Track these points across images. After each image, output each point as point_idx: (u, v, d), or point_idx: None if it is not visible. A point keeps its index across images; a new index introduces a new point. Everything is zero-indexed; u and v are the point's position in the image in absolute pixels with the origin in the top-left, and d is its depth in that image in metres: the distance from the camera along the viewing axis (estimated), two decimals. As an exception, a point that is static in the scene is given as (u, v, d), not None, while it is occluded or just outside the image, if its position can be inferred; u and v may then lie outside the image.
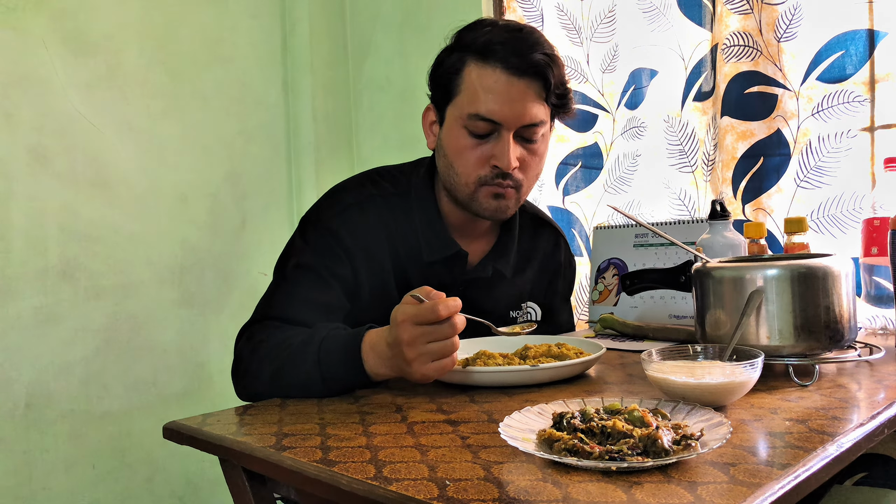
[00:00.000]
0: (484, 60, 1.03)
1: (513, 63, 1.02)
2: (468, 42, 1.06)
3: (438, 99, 1.11)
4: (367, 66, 2.23)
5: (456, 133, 1.07)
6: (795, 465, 0.57)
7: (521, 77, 1.03)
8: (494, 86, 1.02)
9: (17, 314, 1.62)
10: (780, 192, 1.42)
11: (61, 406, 1.68)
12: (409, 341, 0.82)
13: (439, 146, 1.12)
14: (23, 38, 1.63)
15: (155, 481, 1.83)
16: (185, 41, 1.92)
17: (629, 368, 1.00)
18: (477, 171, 1.07)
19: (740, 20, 1.44)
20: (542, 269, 1.29)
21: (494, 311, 1.21)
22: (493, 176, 1.06)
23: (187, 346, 1.91)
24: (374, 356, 0.88)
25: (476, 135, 1.05)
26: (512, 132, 1.05)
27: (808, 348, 0.86)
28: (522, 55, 1.02)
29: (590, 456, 0.58)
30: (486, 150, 1.06)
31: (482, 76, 1.03)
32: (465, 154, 1.06)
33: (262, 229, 2.05)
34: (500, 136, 1.05)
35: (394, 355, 0.85)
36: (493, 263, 1.18)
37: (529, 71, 1.02)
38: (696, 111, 1.56)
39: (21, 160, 1.62)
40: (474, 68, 1.04)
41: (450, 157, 1.08)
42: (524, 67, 1.02)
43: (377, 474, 0.59)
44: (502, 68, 1.02)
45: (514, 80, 1.02)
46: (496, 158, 1.05)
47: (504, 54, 1.02)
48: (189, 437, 0.77)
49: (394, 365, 0.86)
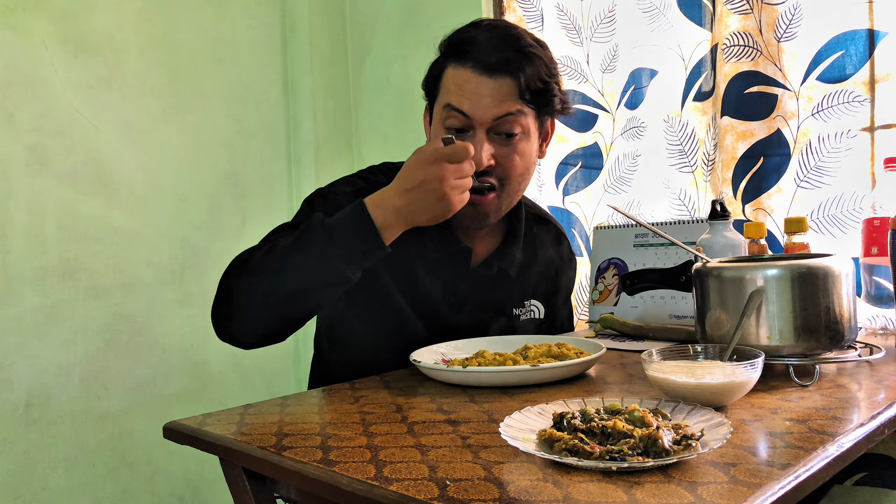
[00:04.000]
0: (459, 62, 1.07)
1: (483, 62, 1.05)
2: (448, 44, 1.10)
3: (429, 102, 1.16)
4: (367, 66, 2.23)
5: (437, 131, 1.10)
6: (796, 465, 0.57)
7: (492, 75, 1.05)
8: (465, 84, 1.06)
9: (17, 314, 1.62)
10: (780, 192, 1.42)
11: (61, 406, 1.68)
12: (445, 177, 0.91)
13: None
14: (23, 38, 1.63)
15: (155, 481, 1.83)
16: (185, 41, 1.92)
17: (629, 368, 1.00)
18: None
19: (740, 20, 1.44)
20: (545, 266, 1.30)
21: (498, 310, 1.21)
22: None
23: (187, 346, 1.91)
24: (383, 211, 0.93)
25: (451, 131, 1.07)
26: (485, 129, 1.06)
27: (808, 348, 0.86)
28: (492, 54, 1.04)
29: (590, 456, 0.58)
30: None
31: (455, 76, 1.07)
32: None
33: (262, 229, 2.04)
34: (473, 135, 1.07)
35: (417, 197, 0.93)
36: (499, 262, 1.19)
37: (500, 69, 1.05)
38: (696, 111, 1.56)
39: (21, 160, 1.62)
40: (450, 70, 1.09)
41: None
42: (494, 66, 1.04)
43: (377, 474, 0.59)
44: (472, 68, 1.05)
45: (484, 78, 1.05)
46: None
47: (476, 54, 1.05)
48: (189, 437, 0.77)
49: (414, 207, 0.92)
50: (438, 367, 0.93)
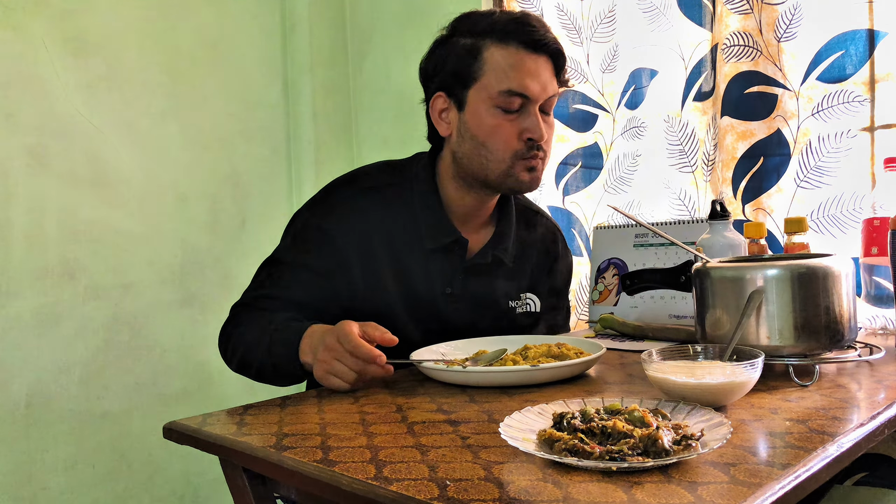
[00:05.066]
0: (503, 42, 1.09)
1: (531, 42, 1.09)
2: (482, 28, 1.11)
3: (452, 85, 1.13)
4: (367, 66, 2.23)
5: (485, 112, 1.10)
6: (796, 465, 0.57)
7: (541, 53, 1.10)
8: (521, 63, 1.09)
9: (17, 314, 1.62)
10: (780, 192, 1.42)
11: (61, 406, 1.67)
12: (328, 346, 0.92)
13: (463, 130, 1.13)
14: (23, 38, 1.63)
15: (155, 481, 1.83)
16: (185, 41, 1.92)
17: (629, 368, 1.00)
18: (512, 147, 1.11)
19: (740, 20, 1.44)
20: (541, 260, 1.30)
21: (495, 303, 1.22)
22: (527, 149, 1.11)
23: (187, 346, 1.91)
24: (308, 343, 0.98)
25: (507, 112, 1.10)
26: (538, 105, 1.11)
27: (808, 348, 0.86)
28: (537, 33, 1.09)
29: (590, 456, 0.58)
30: (516, 125, 1.10)
31: (506, 56, 1.09)
32: (498, 131, 1.10)
33: (262, 229, 2.05)
34: (528, 110, 1.10)
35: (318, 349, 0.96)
36: (493, 251, 1.20)
37: (545, 48, 1.11)
38: (696, 111, 1.56)
39: (21, 160, 1.62)
40: (495, 50, 1.10)
41: (481, 137, 1.11)
42: (541, 45, 1.10)
43: (377, 474, 0.59)
44: (524, 47, 1.09)
45: (536, 56, 1.10)
46: (529, 131, 1.10)
47: (523, 34, 1.09)
48: (189, 437, 0.77)
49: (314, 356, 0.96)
50: (438, 367, 0.94)
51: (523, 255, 1.27)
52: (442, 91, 1.14)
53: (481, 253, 1.20)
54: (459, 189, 1.17)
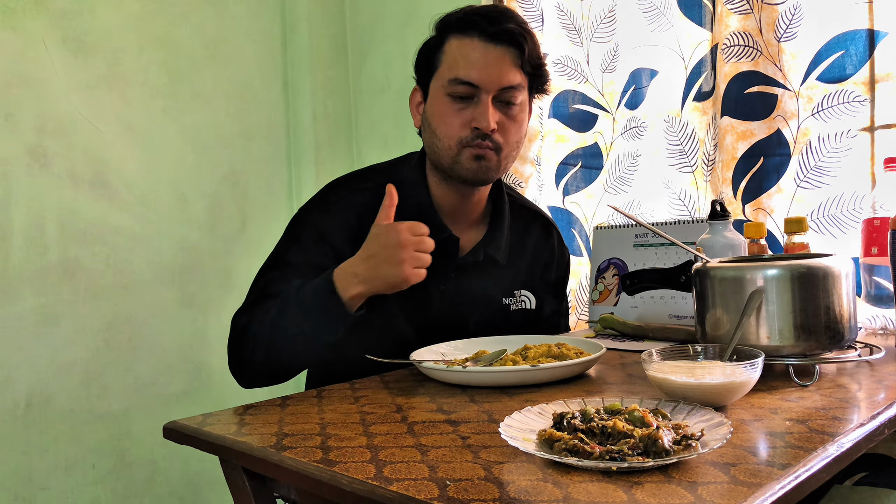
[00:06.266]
0: (463, 32, 1.12)
1: (489, 31, 1.10)
2: (447, 20, 1.14)
3: (422, 77, 1.18)
4: (367, 66, 2.23)
5: (439, 101, 1.13)
6: (796, 465, 0.57)
7: (498, 44, 1.10)
8: (472, 53, 1.10)
9: (17, 314, 1.62)
10: (780, 192, 1.42)
11: (61, 406, 1.68)
12: (405, 244, 0.95)
13: (425, 120, 1.18)
14: (23, 38, 1.63)
15: (155, 481, 1.83)
16: (185, 41, 1.92)
17: (629, 368, 1.00)
18: (458, 134, 1.12)
19: (740, 20, 1.44)
20: (536, 257, 1.30)
21: (488, 299, 1.22)
22: (473, 137, 1.12)
23: (187, 346, 1.91)
24: (345, 277, 0.98)
25: (457, 99, 1.12)
26: (490, 96, 1.11)
27: (808, 348, 0.86)
28: (498, 24, 1.10)
29: (590, 456, 0.58)
30: (466, 114, 1.12)
31: (461, 46, 1.11)
32: (446, 119, 1.13)
33: (262, 229, 2.05)
34: (479, 100, 1.11)
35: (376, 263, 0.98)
36: (485, 249, 1.21)
37: (505, 38, 1.10)
38: (696, 111, 1.56)
39: (21, 160, 1.62)
40: (454, 41, 1.12)
41: (433, 124, 1.15)
42: (500, 35, 1.10)
43: (377, 474, 0.59)
44: (479, 37, 1.10)
45: (491, 46, 1.10)
46: (476, 120, 1.11)
47: (482, 25, 1.10)
48: (189, 437, 0.77)
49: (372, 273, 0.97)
50: (438, 367, 0.94)
51: (518, 253, 1.27)
52: (418, 84, 1.20)
53: (473, 251, 1.20)
54: (440, 184, 1.19)
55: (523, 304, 1.27)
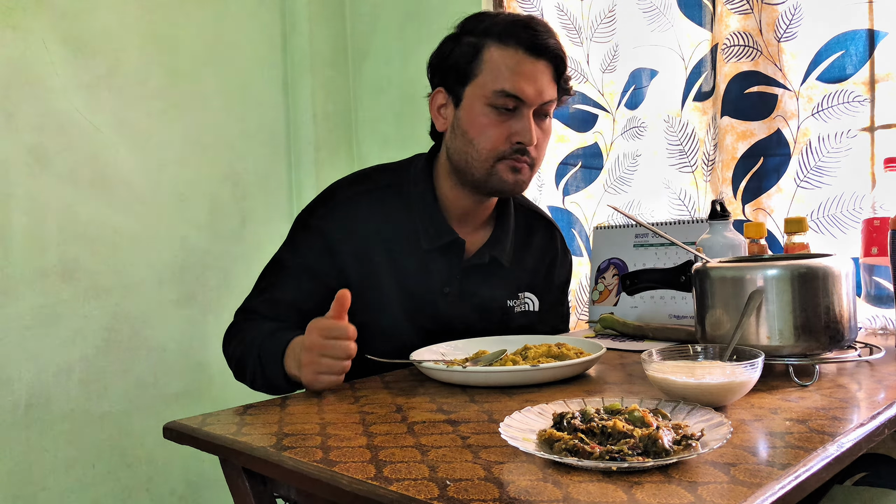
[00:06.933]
0: (503, 42, 1.10)
1: (532, 44, 1.09)
2: (486, 27, 1.12)
3: (452, 81, 1.14)
4: (367, 66, 2.23)
5: (478, 111, 1.11)
6: (796, 465, 0.57)
7: (539, 58, 1.10)
8: (518, 65, 1.09)
9: (17, 314, 1.62)
10: (780, 192, 1.42)
11: (61, 406, 1.67)
12: (310, 346, 0.91)
13: (456, 126, 1.14)
14: (23, 38, 1.63)
15: (155, 481, 1.83)
16: (185, 41, 1.92)
17: (629, 368, 1.00)
18: (497, 147, 1.11)
19: (740, 20, 1.44)
20: (539, 260, 1.30)
21: (492, 301, 1.22)
22: (511, 151, 1.11)
23: (187, 346, 1.90)
24: (293, 354, 0.97)
25: (501, 111, 1.10)
26: (532, 109, 1.10)
27: (808, 348, 0.86)
28: (540, 38, 1.10)
29: (590, 456, 0.58)
30: (507, 127, 1.10)
31: (504, 57, 1.09)
32: (487, 130, 1.11)
33: (262, 229, 2.05)
34: (521, 113, 1.10)
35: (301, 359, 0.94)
36: (490, 251, 1.20)
37: (546, 53, 1.10)
38: (696, 111, 1.56)
39: (21, 160, 1.62)
40: (495, 50, 1.10)
41: (470, 133, 1.12)
42: (543, 49, 1.10)
43: (377, 474, 0.59)
44: (523, 50, 1.09)
45: (535, 60, 1.10)
46: (518, 135, 1.10)
47: (524, 37, 1.09)
48: (189, 437, 0.77)
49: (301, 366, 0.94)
50: (438, 367, 0.94)
51: (522, 255, 1.27)
52: (442, 87, 1.16)
53: (479, 253, 1.20)
54: (455, 188, 1.18)
55: (526, 307, 1.27)
